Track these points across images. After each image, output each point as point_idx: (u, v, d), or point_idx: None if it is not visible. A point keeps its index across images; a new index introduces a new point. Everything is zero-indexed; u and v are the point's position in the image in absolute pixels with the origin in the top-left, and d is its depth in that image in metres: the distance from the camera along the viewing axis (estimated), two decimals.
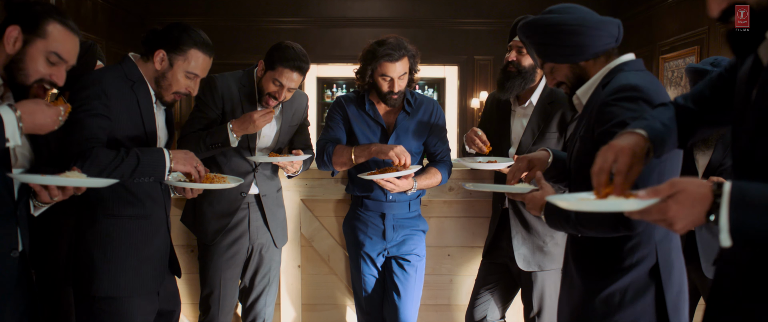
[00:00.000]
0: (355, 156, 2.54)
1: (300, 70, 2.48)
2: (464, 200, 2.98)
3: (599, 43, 1.69)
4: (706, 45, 6.70)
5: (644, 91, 1.54)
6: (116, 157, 1.90)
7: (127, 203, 2.04)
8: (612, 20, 1.70)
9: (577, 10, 1.71)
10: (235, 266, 2.65)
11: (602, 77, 1.69)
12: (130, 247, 2.05)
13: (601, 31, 1.68)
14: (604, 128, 1.54)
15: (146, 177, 1.96)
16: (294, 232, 2.98)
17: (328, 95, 9.81)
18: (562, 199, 1.30)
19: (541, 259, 2.48)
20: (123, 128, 2.00)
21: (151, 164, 1.94)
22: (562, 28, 1.68)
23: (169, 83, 2.05)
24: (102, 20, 7.63)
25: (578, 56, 1.72)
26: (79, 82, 1.99)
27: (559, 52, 1.73)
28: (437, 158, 2.72)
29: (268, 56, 2.51)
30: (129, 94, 2.02)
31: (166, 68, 2.04)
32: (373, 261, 2.66)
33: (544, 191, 1.71)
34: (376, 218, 2.65)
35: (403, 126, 2.62)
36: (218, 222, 2.60)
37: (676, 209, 1.09)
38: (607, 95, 1.57)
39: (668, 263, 1.60)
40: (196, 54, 2.04)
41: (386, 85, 2.54)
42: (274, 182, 2.71)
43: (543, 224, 2.47)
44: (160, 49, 2.04)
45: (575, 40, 1.69)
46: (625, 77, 1.60)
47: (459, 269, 3.03)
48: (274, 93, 2.50)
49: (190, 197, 2.17)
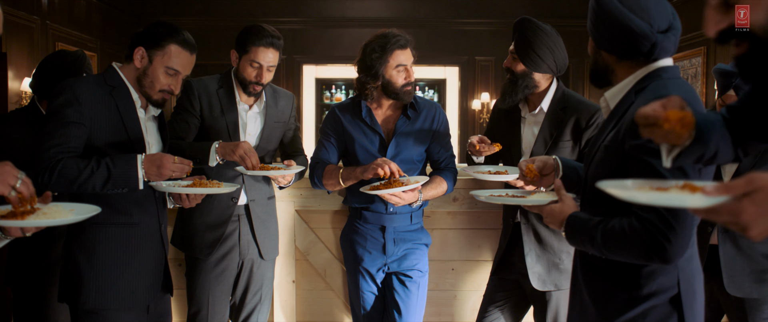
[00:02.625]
0: (343, 180, 2.41)
1: (274, 46, 2.41)
2: (469, 211, 2.81)
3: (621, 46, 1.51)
4: (712, 46, 6.58)
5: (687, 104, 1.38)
6: (86, 168, 1.81)
7: (115, 211, 1.97)
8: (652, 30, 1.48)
9: None
10: (225, 283, 2.49)
11: (636, 81, 1.52)
12: (118, 256, 1.97)
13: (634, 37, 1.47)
14: (639, 142, 1.38)
15: (120, 188, 1.87)
16: (288, 245, 2.82)
17: (326, 96, 9.66)
18: (616, 186, 1.13)
19: (557, 277, 2.33)
20: (103, 135, 1.92)
21: (123, 175, 1.85)
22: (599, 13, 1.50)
23: (150, 80, 1.99)
24: (96, 20, 7.49)
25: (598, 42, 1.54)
26: (53, 91, 1.91)
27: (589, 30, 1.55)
28: (442, 166, 2.55)
29: (238, 41, 2.43)
30: (106, 100, 1.94)
31: (145, 65, 1.99)
32: (372, 277, 2.49)
33: (564, 203, 1.56)
34: (375, 231, 2.48)
35: (404, 132, 2.45)
36: (212, 233, 2.46)
37: (752, 211, 0.91)
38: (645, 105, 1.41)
39: (691, 292, 1.46)
40: (175, 50, 2.00)
41: (403, 76, 2.39)
42: (264, 188, 2.56)
43: (559, 239, 2.33)
44: (139, 47, 1.99)
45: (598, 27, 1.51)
46: (665, 86, 1.44)
47: (463, 284, 2.86)
48: (254, 77, 2.41)
49: (188, 206, 2.09)
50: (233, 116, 2.47)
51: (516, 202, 1.77)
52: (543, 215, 1.63)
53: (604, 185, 1.13)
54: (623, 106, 1.51)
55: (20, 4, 5.91)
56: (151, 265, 2.04)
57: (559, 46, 2.31)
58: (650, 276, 1.44)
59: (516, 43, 2.35)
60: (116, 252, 1.96)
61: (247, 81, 2.42)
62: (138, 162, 1.87)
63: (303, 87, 9.11)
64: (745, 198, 0.92)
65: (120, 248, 1.97)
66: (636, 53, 1.49)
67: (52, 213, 1.35)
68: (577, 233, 1.49)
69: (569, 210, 1.55)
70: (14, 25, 5.82)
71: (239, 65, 2.43)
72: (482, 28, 8.93)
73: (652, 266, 1.44)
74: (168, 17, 8.58)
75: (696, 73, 6.93)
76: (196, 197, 2.08)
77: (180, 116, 2.46)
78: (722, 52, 6.46)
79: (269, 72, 2.43)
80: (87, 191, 1.84)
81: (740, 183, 0.93)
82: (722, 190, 0.95)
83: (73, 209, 1.43)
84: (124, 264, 1.97)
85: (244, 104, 2.51)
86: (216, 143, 2.29)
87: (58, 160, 1.81)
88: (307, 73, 9.21)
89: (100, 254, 1.95)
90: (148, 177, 1.89)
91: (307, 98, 9.24)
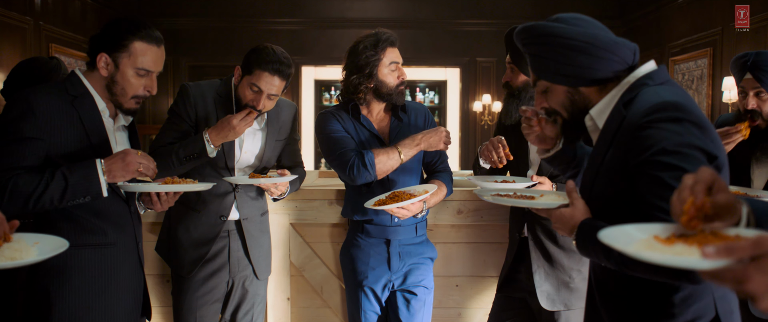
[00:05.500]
0: (404, 155, 2.23)
1: (281, 74, 2.18)
2: (474, 225, 2.67)
3: (607, 68, 1.40)
4: (719, 47, 6.46)
5: (687, 110, 1.25)
6: (40, 182, 1.64)
7: (85, 231, 1.79)
8: (628, 43, 1.41)
9: (588, 24, 1.42)
10: (213, 303, 2.34)
11: (622, 93, 1.39)
12: (93, 281, 1.79)
13: (612, 55, 1.38)
14: (645, 157, 1.24)
15: (81, 198, 1.69)
16: (283, 260, 2.67)
17: (325, 98, 9.53)
18: (614, 238, 0.99)
19: (567, 296, 2.20)
20: (64, 150, 1.73)
21: (82, 182, 1.67)
22: (566, 43, 1.39)
23: (121, 88, 1.80)
24: (91, 21, 7.36)
25: (579, 80, 1.42)
26: (7, 103, 1.73)
27: (557, 70, 1.43)
28: (438, 168, 2.44)
29: (245, 60, 2.23)
30: (67, 110, 1.75)
31: (112, 72, 1.79)
32: (376, 295, 2.34)
33: (576, 208, 1.41)
34: (380, 246, 2.33)
35: (399, 136, 2.31)
36: (195, 251, 2.30)
37: (760, 281, 0.77)
38: (642, 116, 1.27)
39: (729, 313, 1.32)
40: (140, 47, 1.79)
41: (396, 75, 2.27)
42: (258, 204, 2.40)
43: (569, 255, 2.19)
44: (101, 53, 1.78)
45: (579, 60, 1.39)
46: (656, 93, 1.31)
47: (468, 301, 2.72)
48: (251, 101, 2.20)
49: (160, 210, 1.91)
50: None
51: (522, 204, 1.61)
52: (551, 219, 1.48)
53: (607, 239, 0.98)
54: (614, 123, 1.37)
55: (12, 5, 5.78)
56: (130, 288, 1.88)
57: None
58: (684, 303, 1.29)
59: (511, 53, 2.23)
60: (91, 277, 1.79)
61: (243, 102, 2.23)
62: (98, 165, 1.70)
63: (302, 89, 8.99)
64: (752, 264, 0.78)
65: (95, 272, 1.80)
66: (620, 69, 1.40)
67: (12, 248, 1.19)
68: (590, 242, 1.33)
69: (581, 216, 1.40)
70: (6, 26, 5.69)
71: (240, 84, 2.24)
72: (483, 28, 8.84)
73: (686, 291, 1.29)
74: (165, 18, 8.48)
75: (702, 74, 6.80)
76: (169, 198, 1.91)
77: (173, 124, 2.28)
78: (728, 53, 6.33)
79: (270, 100, 2.21)
80: (45, 207, 1.67)
81: (747, 245, 0.79)
82: (725, 253, 0.80)
83: (38, 242, 1.26)
84: (101, 289, 1.81)
85: None
86: (206, 132, 2.14)
87: (9, 178, 1.64)
88: (306, 75, 9.10)
89: (73, 280, 1.77)
90: (114, 177, 1.72)
91: (306, 100, 9.12)
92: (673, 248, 0.91)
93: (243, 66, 2.23)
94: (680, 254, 0.87)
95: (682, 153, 1.20)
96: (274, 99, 2.23)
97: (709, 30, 6.59)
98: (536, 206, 1.55)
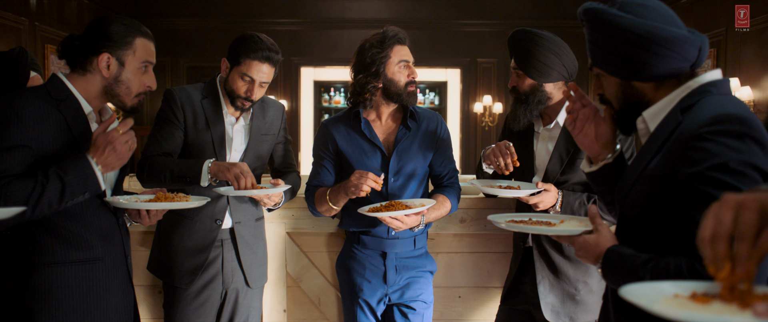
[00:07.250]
0: (332, 202, 2.19)
1: (270, 61, 2.18)
2: (477, 233, 2.58)
3: (664, 66, 1.30)
4: (723, 48, 6.39)
5: (752, 126, 1.16)
6: (35, 186, 1.55)
7: (71, 245, 1.69)
8: (692, 39, 1.30)
9: (652, 13, 1.31)
10: (206, 315, 2.26)
11: (681, 98, 1.30)
12: (81, 299, 1.70)
13: (671, 52, 1.28)
14: (698, 170, 1.15)
15: (81, 195, 1.62)
16: (279, 270, 2.58)
17: (325, 99, 9.44)
18: (647, 298, 0.87)
19: (573, 309, 2.13)
20: (52, 157, 1.64)
21: (79, 179, 1.60)
22: (620, 34, 1.30)
23: (126, 87, 1.77)
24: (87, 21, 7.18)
25: (632, 74, 1.34)
26: None
27: (609, 61, 1.35)
28: (445, 182, 2.32)
29: (231, 51, 2.20)
30: (54, 116, 1.67)
31: (116, 71, 1.75)
32: (371, 309, 2.26)
33: (601, 234, 1.34)
34: (375, 258, 2.25)
35: (405, 144, 2.22)
36: (193, 260, 2.23)
37: None
38: (701, 126, 1.18)
39: None
40: (142, 42, 1.80)
41: (406, 73, 2.18)
42: (252, 208, 2.33)
43: (575, 266, 2.11)
44: (102, 53, 1.72)
45: (633, 54, 1.30)
46: (720, 103, 1.22)
47: (471, 313, 2.63)
48: (245, 93, 2.18)
49: (148, 224, 1.86)
50: (220, 130, 2.25)
51: (542, 231, 1.52)
52: (575, 247, 1.41)
53: (627, 293, 0.88)
54: (667, 128, 1.28)
55: (7, 5, 5.70)
56: (119, 306, 1.79)
57: (565, 49, 2.12)
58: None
59: (516, 57, 2.14)
60: (79, 294, 1.70)
61: (236, 95, 2.20)
62: (89, 158, 1.62)
63: (301, 90, 8.91)
64: None
65: (83, 290, 1.71)
66: (681, 67, 1.30)
67: None
68: (618, 271, 1.26)
69: (607, 243, 1.32)
70: (0, 26, 5.61)
71: (229, 76, 2.20)
72: (484, 29, 8.77)
73: None
74: (163, 18, 8.40)
75: None
76: (157, 212, 1.87)
77: (163, 129, 2.21)
78: (732, 54, 6.25)
79: (261, 88, 2.21)
80: (44, 212, 1.58)
81: None
82: None
83: None
84: (89, 308, 1.71)
85: (231, 117, 2.29)
86: (209, 161, 2.08)
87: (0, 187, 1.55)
88: (305, 76, 9.01)
89: (60, 298, 1.67)
90: (106, 166, 1.65)
91: (305, 101, 9.03)
92: (709, 307, 0.82)
93: (229, 57, 2.20)
94: (720, 313, 0.79)
95: (741, 173, 1.11)
96: (264, 86, 2.22)
97: (713, 30, 6.51)
98: (557, 232, 1.47)
